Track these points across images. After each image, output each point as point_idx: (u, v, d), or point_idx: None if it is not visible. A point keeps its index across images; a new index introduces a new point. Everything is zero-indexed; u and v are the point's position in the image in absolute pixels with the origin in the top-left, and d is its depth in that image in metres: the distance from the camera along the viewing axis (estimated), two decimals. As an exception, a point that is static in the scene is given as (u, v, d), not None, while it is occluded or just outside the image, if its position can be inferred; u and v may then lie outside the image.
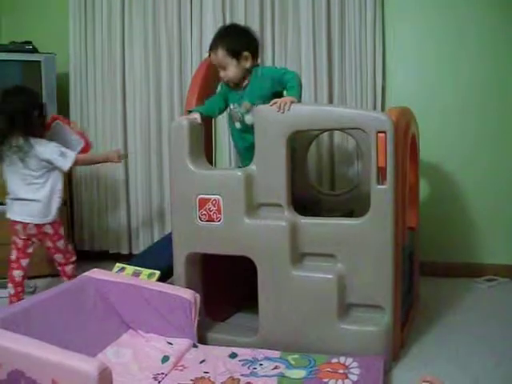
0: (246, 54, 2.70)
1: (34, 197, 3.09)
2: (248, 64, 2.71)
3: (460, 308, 3.12)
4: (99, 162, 3.51)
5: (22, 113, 3.05)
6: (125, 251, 4.23)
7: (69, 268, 3.33)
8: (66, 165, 3.11)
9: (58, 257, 3.28)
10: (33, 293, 3.53)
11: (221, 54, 2.71)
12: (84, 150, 3.28)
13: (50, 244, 3.22)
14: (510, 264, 3.63)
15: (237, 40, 2.73)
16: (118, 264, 3.06)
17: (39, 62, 3.97)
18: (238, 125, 2.82)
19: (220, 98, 2.87)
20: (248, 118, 2.74)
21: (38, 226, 3.13)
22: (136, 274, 2.87)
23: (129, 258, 3.62)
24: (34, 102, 3.16)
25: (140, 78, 4.13)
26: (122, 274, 2.86)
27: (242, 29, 2.87)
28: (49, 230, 3.18)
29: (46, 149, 3.07)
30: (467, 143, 3.65)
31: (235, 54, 2.70)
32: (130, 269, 2.95)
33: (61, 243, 3.25)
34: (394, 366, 2.39)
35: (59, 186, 3.17)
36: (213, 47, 2.74)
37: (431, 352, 2.54)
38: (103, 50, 4.20)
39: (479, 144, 3.63)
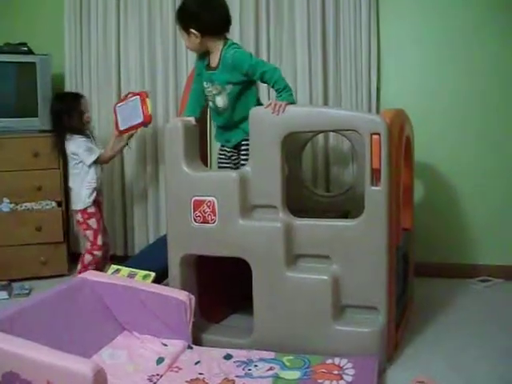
0: (192, 31, 2.65)
1: (70, 185, 3.60)
2: (198, 40, 2.67)
3: (454, 308, 3.12)
4: (116, 152, 3.65)
5: (55, 115, 3.56)
6: (120, 253, 4.22)
7: (87, 257, 3.52)
8: (88, 160, 3.49)
9: (85, 244, 3.59)
10: (28, 294, 3.53)
11: (177, 26, 2.76)
12: (139, 125, 3.52)
13: (80, 230, 3.65)
14: (504, 265, 3.64)
15: (188, 14, 2.68)
16: (113, 265, 3.07)
17: (34, 63, 3.98)
18: (210, 104, 2.81)
19: (197, 91, 2.85)
20: (219, 101, 2.73)
21: (73, 211, 3.61)
22: (131, 276, 2.87)
23: (124, 260, 3.61)
24: (64, 107, 3.52)
25: (135, 78, 4.14)
26: (117, 276, 2.86)
27: (199, 1, 2.69)
28: (79, 217, 3.54)
29: (73, 144, 3.50)
30: (464, 145, 3.66)
31: (184, 28, 2.69)
32: (125, 270, 2.95)
33: (88, 233, 3.52)
34: (389, 367, 2.40)
35: (88, 177, 3.51)
36: (176, 17, 2.78)
37: (426, 353, 2.54)
38: (98, 50, 4.20)
39: (476, 146, 3.64)
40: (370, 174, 2.34)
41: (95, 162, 3.51)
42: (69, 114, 3.52)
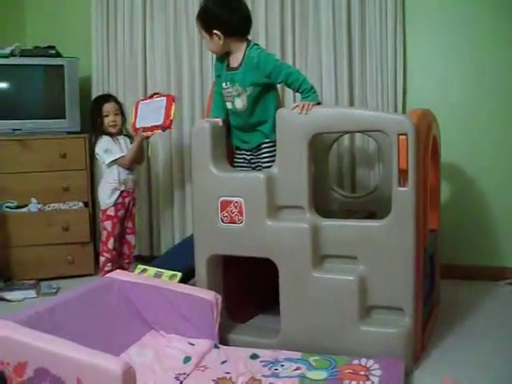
0: (215, 32, 2.65)
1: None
2: (221, 42, 2.66)
3: (482, 311, 3.10)
4: (137, 151, 3.62)
5: (90, 117, 3.67)
6: (146, 253, 4.25)
7: (100, 259, 3.61)
8: (105, 160, 3.55)
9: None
10: (55, 293, 3.57)
11: (198, 26, 2.74)
12: (156, 128, 3.51)
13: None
14: (532, 267, 3.60)
15: (211, 15, 2.67)
16: (139, 265, 3.10)
17: (62, 65, 4.03)
18: (229, 105, 2.78)
19: (220, 93, 2.83)
20: (238, 102, 2.72)
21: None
22: (158, 276, 2.89)
23: (150, 260, 3.64)
24: (93, 109, 3.65)
25: (161, 81, 4.17)
26: (144, 276, 2.88)
27: (221, 3, 2.69)
28: (101, 216, 3.63)
29: (97, 144, 3.60)
30: (489, 146, 3.63)
31: (207, 30, 2.68)
32: (151, 270, 2.98)
33: (103, 233, 3.59)
34: (415, 369, 2.39)
35: (110, 178, 3.56)
36: (197, 17, 2.76)
37: (452, 355, 2.52)
38: (125, 54, 4.25)
39: (501, 147, 3.61)
40: (397, 175, 2.33)
41: (116, 164, 3.55)
42: (93, 115, 3.64)
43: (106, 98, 3.73)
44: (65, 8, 4.55)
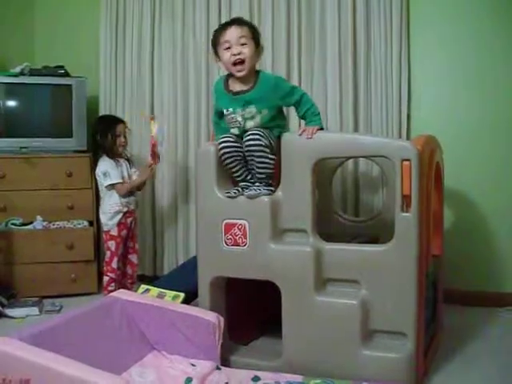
0: (260, 47, 2.68)
1: None
2: (258, 58, 2.68)
3: (483, 338, 3.09)
4: (140, 184, 3.74)
5: (92, 135, 3.77)
6: (149, 273, 4.27)
7: (104, 278, 3.66)
8: (103, 183, 3.62)
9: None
10: (59, 311, 3.58)
11: (246, 31, 2.62)
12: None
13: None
14: (533, 294, 3.60)
15: (257, 31, 2.70)
16: (142, 285, 3.11)
17: (70, 85, 4.08)
18: (234, 131, 2.69)
19: (217, 125, 2.83)
20: (250, 125, 2.64)
21: None
22: (161, 296, 2.91)
23: (153, 280, 3.66)
24: (103, 128, 3.70)
25: (168, 103, 4.21)
26: (147, 295, 2.89)
27: None
28: (104, 236, 3.72)
29: (99, 165, 3.68)
30: (493, 172, 3.64)
31: (256, 40, 2.64)
32: (154, 290, 2.99)
33: (107, 254, 3.65)
34: (417, 394, 2.39)
35: (111, 200, 3.64)
36: (240, 22, 2.65)
37: (454, 381, 2.52)
38: (133, 75, 4.30)
39: (505, 172, 3.63)
40: (401, 200, 2.36)
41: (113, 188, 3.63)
42: (102, 134, 3.68)
43: (118, 119, 3.81)
44: (74, 28, 4.61)
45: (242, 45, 2.60)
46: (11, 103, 4.07)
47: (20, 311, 3.53)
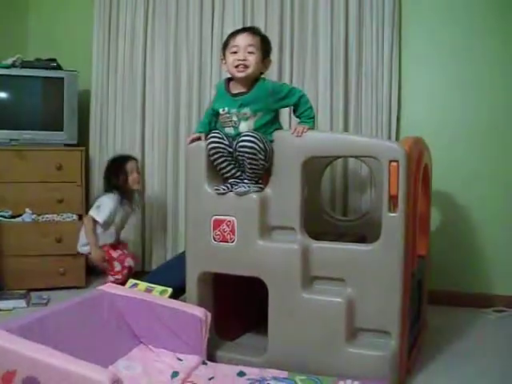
0: (268, 59, 2.72)
1: None
2: (264, 69, 2.71)
3: (468, 338, 3.12)
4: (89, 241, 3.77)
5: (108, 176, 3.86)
6: (137, 268, 4.26)
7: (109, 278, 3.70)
8: (91, 214, 3.73)
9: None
10: (46, 304, 3.59)
11: (257, 41, 2.67)
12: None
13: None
14: (519, 296, 3.64)
15: (269, 45, 2.77)
16: (131, 280, 3.12)
17: (62, 78, 4.09)
18: (229, 130, 2.69)
19: (211, 111, 2.82)
20: (243, 126, 2.64)
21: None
22: (148, 291, 2.92)
23: (141, 275, 3.67)
24: (115, 167, 3.83)
25: (160, 98, 4.23)
26: (135, 290, 2.91)
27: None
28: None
29: (103, 196, 3.80)
30: (482, 174, 3.68)
31: (265, 52, 2.70)
32: (142, 285, 3.00)
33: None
34: (400, 392, 2.41)
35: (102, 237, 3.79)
36: (253, 31, 2.72)
37: (437, 380, 2.55)
38: (125, 69, 4.30)
39: (493, 175, 3.67)
40: (388, 201, 2.38)
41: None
42: (114, 175, 3.81)
43: (127, 157, 3.88)
44: (67, 21, 4.61)
45: (250, 53, 2.64)
46: (2, 95, 4.07)
47: (7, 303, 3.53)
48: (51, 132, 4.09)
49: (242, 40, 2.66)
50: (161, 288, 2.93)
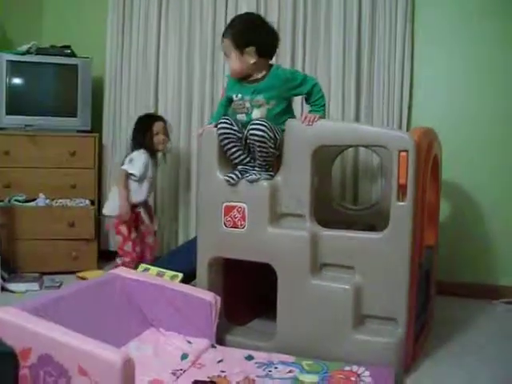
0: (249, 49, 2.64)
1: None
2: (252, 60, 2.65)
3: (474, 329, 3.14)
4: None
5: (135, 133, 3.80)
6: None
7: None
8: (125, 168, 3.67)
9: None
10: (58, 287, 3.64)
11: (227, 43, 2.70)
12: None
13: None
14: (528, 287, 3.66)
15: (244, 33, 2.68)
16: (142, 264, 3.17)
17: (76, 65, 4.14)
18: (242, 117, 2.73)
19: (225, 100, 2.86)
20: (256, 113, 2.68)
21: None
22: (159, 275, 2.96)
23: (153, 260, 3.71)
24: (141, 126, 3.79)
25: (173, 85, 4.26)
26: (146, 274, 2.95)
27: (254, 23, 2.76)
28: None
29: (132, 153, 3.73)
30: (494, 166, 3.69)
31: (239, 47, 2.66)
32: (153, 270, 3.04)
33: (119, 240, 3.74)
34: (405, 378, 2.44)
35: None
36: (223, 35, 2.74)
37: (442, 368, 2.58)
38: (138, 56, 4.33)
39: (503, 167, 3.68)
40: (397, 190, 2.41)
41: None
42: (140, 132, 3.77)
43: (156, 117, 3.88)
44: (82, 8, 4.64)
45: (227, 58, 2.74)
46: (17, 81, 4.11)
47: (20, 286, 3.60)
48: (65, 118, 4.15)
49: (222, 48, 2.78)
50: (172, 273, 2.97)
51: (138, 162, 3.65)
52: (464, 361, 2.67)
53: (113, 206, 3.69)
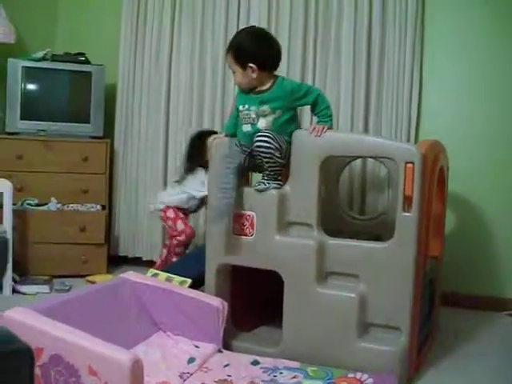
0: (251, 65, 2.68)
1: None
2: (254, 75, 2.69)
3: (478, 340, 3.16)
4: None
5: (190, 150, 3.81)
6: (158, 259, 4.36)
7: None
8: (198, 189, 3.76)
9: None
10: (68, 291, 3.69)
11: (229, 58, 2.76)
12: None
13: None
14: (533, 300, 3.67)
15: (246, 50, 2.72)
16: (151, 270, 3.22)
17: (90, 72, 4.20)
18: (247, 127, 2.77)
19: (236, 111, 2.89)
20: (261, 122, 2.72)
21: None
22: (168, 281, 3.00)
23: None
24: (199, 143, 3.72)
25: (184, 93, 4.29)
26: (155, 279, 3.00)
27: (257, 38, 2.79)
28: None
29: (197, 174, 3.80)
30: (500, 179, 3.72)
31: (241, 62, 2.71)
32: (162, 275, 3.09)
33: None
34: (408, 387, 2.48)
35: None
36: (227, 50, 2.81)
37: (446, 378, 2.61)
38: (151, 64, 4.38)
39: (506, 177, 3.71)
40: (402, 201, 2.46)
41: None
42: (197, 149, 3.73)
43: (206, 133, 3.79)
44: (96, 16, 4.69)
45: (233, 73, 2.80)
46: (32, 87, 4.19)
47: (31, 288, 3.65)
48: (78, 124, 4.21)
49: (228, 62, 2.84)
50: (180, 279, 3.02)
51: (205, 181, 3.58)
52: (467, 371, 2.69)
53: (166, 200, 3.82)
